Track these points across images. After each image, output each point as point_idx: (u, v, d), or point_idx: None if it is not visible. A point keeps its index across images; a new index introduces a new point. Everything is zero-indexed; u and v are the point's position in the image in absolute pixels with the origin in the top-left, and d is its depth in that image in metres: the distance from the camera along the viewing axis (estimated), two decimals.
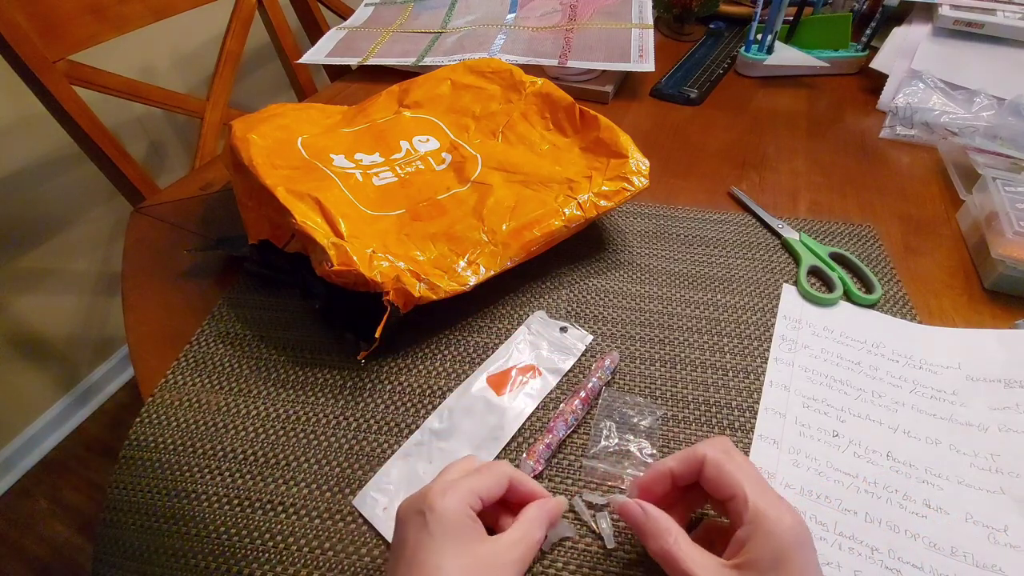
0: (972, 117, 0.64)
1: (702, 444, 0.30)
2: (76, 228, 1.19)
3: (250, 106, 0.83)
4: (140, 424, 0.40)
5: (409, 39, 0.84)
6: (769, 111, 0.74)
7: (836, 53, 0.80)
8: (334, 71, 0.97)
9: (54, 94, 0.65)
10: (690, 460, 0.30)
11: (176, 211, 0.59)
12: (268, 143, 0.48)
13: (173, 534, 0.35)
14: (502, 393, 0.40)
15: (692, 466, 0.30)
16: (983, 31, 0.71)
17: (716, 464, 0.29)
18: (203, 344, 0.45)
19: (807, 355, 0.43)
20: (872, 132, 0.69)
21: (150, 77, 1.21)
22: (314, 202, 0.43)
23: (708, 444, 0.30)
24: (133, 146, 1.23)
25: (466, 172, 0.50)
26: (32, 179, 1.08)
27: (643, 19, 0.80)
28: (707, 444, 0.30)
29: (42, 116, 0.70)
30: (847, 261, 0.50)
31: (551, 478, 0.36)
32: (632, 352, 0.44)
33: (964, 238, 0.53)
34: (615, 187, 0.48)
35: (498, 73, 0.60)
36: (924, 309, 0.47)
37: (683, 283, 0.49)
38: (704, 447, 0.30)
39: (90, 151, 0.71)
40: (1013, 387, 0.40)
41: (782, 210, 0.57)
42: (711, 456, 0.29)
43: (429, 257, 0.43)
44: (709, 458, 0.29)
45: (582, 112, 0.54)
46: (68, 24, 0.66)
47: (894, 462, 0.36)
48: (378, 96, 0.59)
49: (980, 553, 0.32)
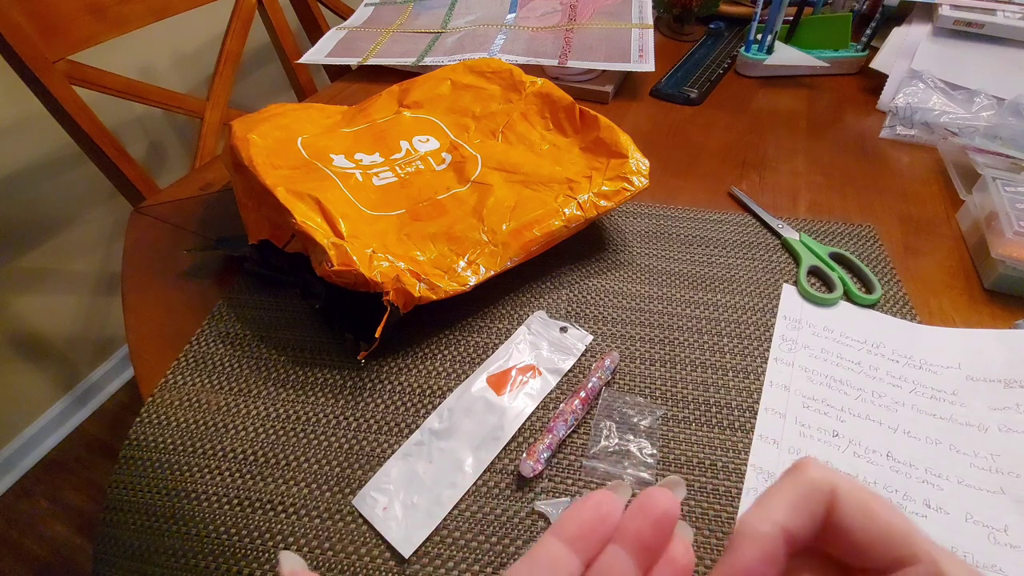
0: (972, 117, 0.64)
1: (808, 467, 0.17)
2: (76, 228, 1.19)
3: (250, 106, 0.83)
4: (140, 424, 0.40)
5: (409, 39, 0.84)
6: (769, 111, 0.74)
7: (836, 53, 0.80)
8: (334, 71, 0.97)
9: (54, 94, 0.65)
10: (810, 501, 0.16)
11: (176, 211, 0.59)
12: (268, 143, 0.48)
13: (173, 534, 0.35)
14: (502, 393, 0.40)
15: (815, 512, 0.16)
16: (983, 31, 0.71)
17: (863, 505, 0.16)
18: (203, 344, 0.45)
19: (807, 355, 0.43)
20: (872, 132, 0.69)
21: (150, 77, 1.21)
22: (314, 202, 0.43)
23: (820, 469, 0.17)
24: (133, 146, 1.23)
25: (466, 172, 0.50)
26: (32, 179, 1.08)
27: (643, 19, 0.80)
28: (819, 468, 0.17)
29: (42, 116, 0.70)
30: (847, 261, 0.50)
31: (551, 478, 0.36)
32: (632, 352, 0.44)
33: (964, 238, 0.53)
34: (615, 187, 0.48)
35: (498, 73, 0.60)
36: (924, 309, 0.47)
37: (683, 283, 0.49)
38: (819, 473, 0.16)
39: (90, 151, 0.71)
40: (1013, 387, 0.40)
41: (782, 210, 0.57)
42: (846, 490, 0.16)
43: (429, 257, 0.43)
44: (843, 493, 0.16)
45: (582, 112, 0.54)
46: (68, 24, 0.66)
47: (894, 462, 0.36)
48: (378, 96, 0.59)
49: (980, 553, 0.32)
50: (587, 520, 0.18)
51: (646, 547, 0.18)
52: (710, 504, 0.35)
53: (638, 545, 0.18)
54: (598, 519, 0.18)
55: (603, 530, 0.18)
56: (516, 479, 0.36)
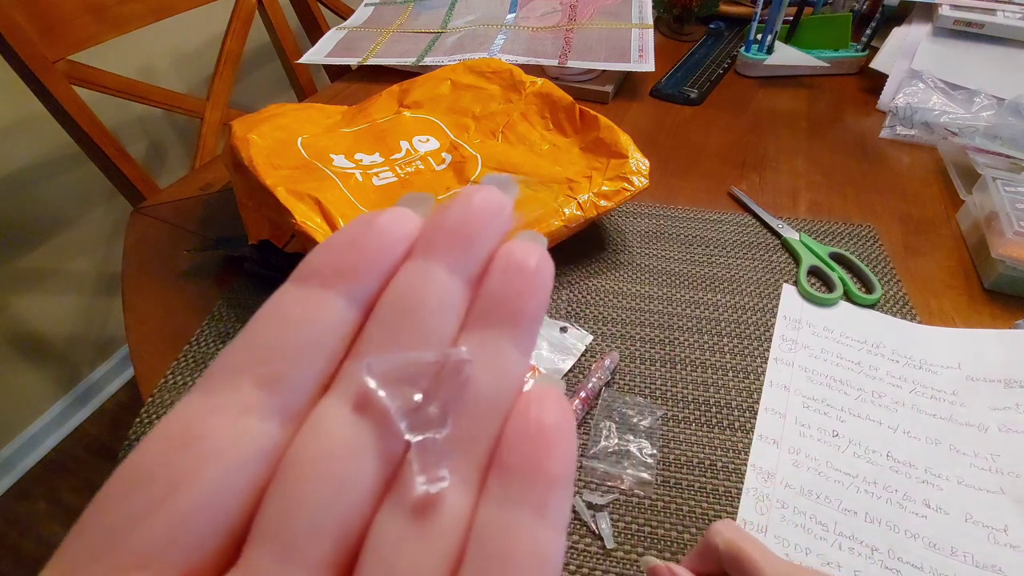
0: (972, 117, 0.64)
1: (710, 532, 0.26)
2: (76, 228, 1.19)
3: (250, 106, 0.83)
4: (140, 424, 0.40)
5: (409, 39, 0.84)
6: (769, 111, 0.74)
7: (836, 53, 0.80)
8: (334, 71, 0.97)
9: (54, 94, 0.65)
10: (705, 553, 0.26)
11: (176, 211, 0.59)
12: (268, 143, 0.48)
13: None
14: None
15: (710, 558, 0.26)
16: (983, 31, 0.71)
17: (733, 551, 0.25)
18: (203, 344, 0.45)
19: (807, 355, 0.43)
20: (872, 132, 0.69)
21: (150, 77, 1.21)
22: (314, 202, 0.43)
23: (715, 531, 0.26)
24: (133, 146, 1.23)
25: (466, 172, 0.50)
26: (32, 179, 1.08)
27: (643, 19, 0.80)
28: (714, 531, 0.26)
29: (42, 116, 0.70)
30: (847, 261, 0.50)
31: None
32: (632, 352, 0.44)
33: (964, 238, 0.53)
34: (615, 187, 0.48)
35: (498, 73, 0.60)
36: (924, 309, 0.47)
37: (683, 283, 0.49)
38: (712, 534, 0.26)
39: (90, 151, 0.71)
40: (1013, 387, 0.40)
41: (782, 210, 0.57)
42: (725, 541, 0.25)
43: None
44: (723, 548, 0.25)
45: (582, 112, 0.54)
46: (68, 24, 0.66)
47: (894, 462, 0.36)
48: (378, 96, 0.59)
49: (980, 553, 0.32)
50: (350, 240, 0.12)
51: (469, 256, 0.12)
52: (710, 504, 0.35)
53: (457, 254, 0.12)
54: (373, 236, 0.12)
55: (386, 251, 0.12)
56: None
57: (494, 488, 0.11)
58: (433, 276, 0.12)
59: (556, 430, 0.11)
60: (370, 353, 0.11)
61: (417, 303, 0.11)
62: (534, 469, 0.11)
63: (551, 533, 0.10)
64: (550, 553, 0.10)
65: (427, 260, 0.12)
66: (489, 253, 0.12)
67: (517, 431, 0.11)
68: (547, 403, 0.11)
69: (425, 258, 0.12)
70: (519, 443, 0.11)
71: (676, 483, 0.36)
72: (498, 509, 0.10)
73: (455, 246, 0.12)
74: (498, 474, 0.11)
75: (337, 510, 0.10)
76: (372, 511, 0.10)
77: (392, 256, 0.12)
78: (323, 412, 0.11)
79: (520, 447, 0.11)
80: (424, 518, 0.10)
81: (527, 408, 0.11)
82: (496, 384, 0.11)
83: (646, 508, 0.35)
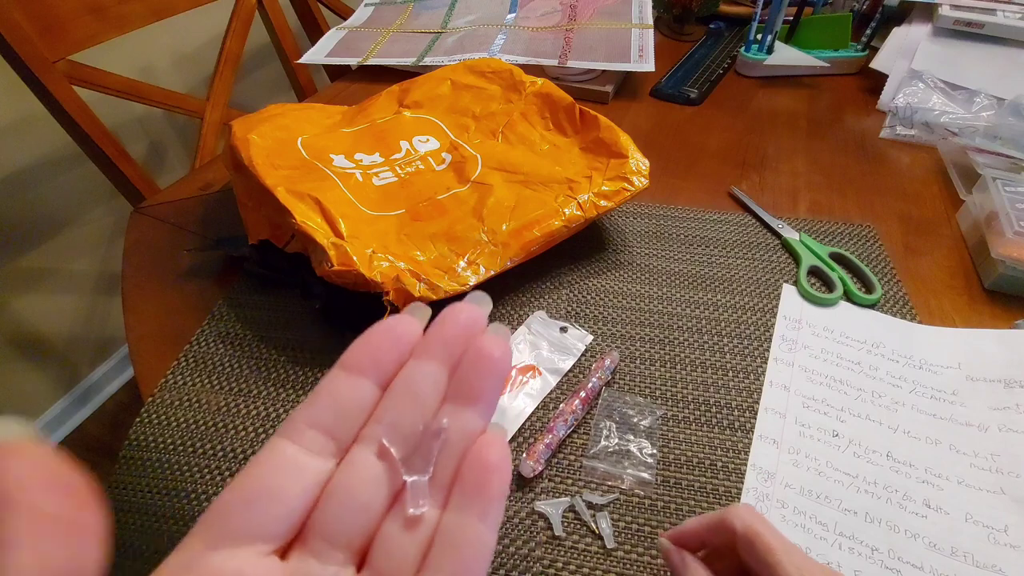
0: (972, 117, 0.64)
1: (729, 512, 0.27)
2: (76, 228, 1.19)
3: (250, 106, 0.83)
4: (140, 424, 0.40)
5: (409, 39, 0.84)
6: (769, 111, 0.74)
7: (836, 53, 0.80)
8: (334, 71, 0.97)
9: (54, 94, 0.65)
10: (718, 527, 0.27)
11: (176, 211, 0.59)
12: (268, 143, 0.48)
13: (173, 534, 0.35)
14: (502, 393, 0.40)
15: (723, 534, 0.27)
16: (983, 31, 0.71)
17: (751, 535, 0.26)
18: (203, 344, 0.45)
19: (807, 355, 0.43)
20: (872, 132, 0.69)
21: (150, 77, 1.21)
22: (314, 202, 0.43)
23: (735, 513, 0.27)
24: (133, 146, 1.23)
25: (466, 172, 0.50)
26: (32, 179, 1.08)
27: (643, 19, 0.80)
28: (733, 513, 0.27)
29: (42, 116, 0.70)
30: (847, 261, 0.50)
31: (551, 478, 0.36)
32: (632, 352, 0.44)
33: (964, 238, 0.53)
34: (615, 187, 0.48)
35: (498, 73, 0.60)
36: (924, 309, 0.47)
37: (683, 283, 0.49)
38: (732, 516, 0.27)
39: (90, 151, 0.71)
40: (1013, 387, 0.40)
41: (782, 210, 0.57)
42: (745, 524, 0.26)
43: (429, 257, 0.43)
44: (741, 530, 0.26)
45: (582, 112, 0.54)
46: (68, 24, 0.66)
47: (894, 462, 0.36)
48: (378, 96, 0.59)
49: (980, 553, 0.32)
50: (377, 343, 0.18)
51: (453, 354, 0.18)
52: (710, 504, 0.35)
53: (445, 353, 0.18)
54: (391, 340, 0.18)
55: (398, 349, 0.18)
56: (516, 479, 0.36)
57: (454, 500, 0.17)
58: (429, 372, 0.18)
59: (497, 465, 0.17)
60: (387, 418, 0.17)
61: (417, 389, 0.18)
62: (480, 490, 0.16)
63: (490, 531, 0.16)
64: (488, 543, 0.16)
65: (427, 360, 0.18)
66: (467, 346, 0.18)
67: (473, 464, 0.17)
68: (494, 447, 0.17)
69: (426, 359, 0.18)
70: (473, 473, 0.17)
71: (676, 483, 0.36)
72: (456, 515, 0.16)
73: (445, 351, 0.18)
74: (459, 492, 0.17)
75: (364, 518, 0.17)
76: (381, 521, 0.17)
77: (403, 353, 0.18)
78: (356, 456, 0.17)
79: (473, 475, 0.17)
80: (412, 527, 0.16)
81: (480, 449, 0.17)
82: (461, 439, 0.17)
83: (646, 508, 0.35)
